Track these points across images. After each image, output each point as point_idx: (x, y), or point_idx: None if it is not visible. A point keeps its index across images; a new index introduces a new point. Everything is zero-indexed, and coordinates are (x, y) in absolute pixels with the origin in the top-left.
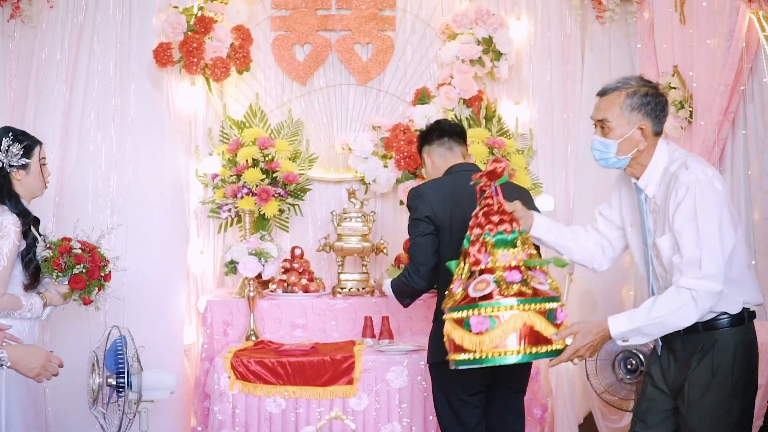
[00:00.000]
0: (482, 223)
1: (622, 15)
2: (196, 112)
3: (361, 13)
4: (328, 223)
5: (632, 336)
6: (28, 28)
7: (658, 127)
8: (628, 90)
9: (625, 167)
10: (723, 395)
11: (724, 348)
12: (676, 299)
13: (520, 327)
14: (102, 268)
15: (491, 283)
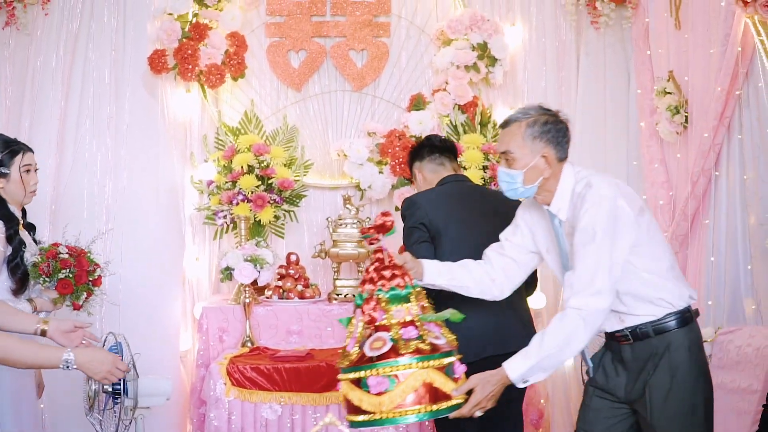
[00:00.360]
0: (374, 278)
1: (617, 20)
2: (191, 119)
3: (355, 19)
4: (324, 230)
5: (531, 375)
6: (23, 35)
7: (561, 154)
8: (528, 120)
9: (534, 195)
10: (686, 396)
11: (679, 349)
12: (565, 326)
13: (419, 385)
14: (90, 272)
15: (388, 341)
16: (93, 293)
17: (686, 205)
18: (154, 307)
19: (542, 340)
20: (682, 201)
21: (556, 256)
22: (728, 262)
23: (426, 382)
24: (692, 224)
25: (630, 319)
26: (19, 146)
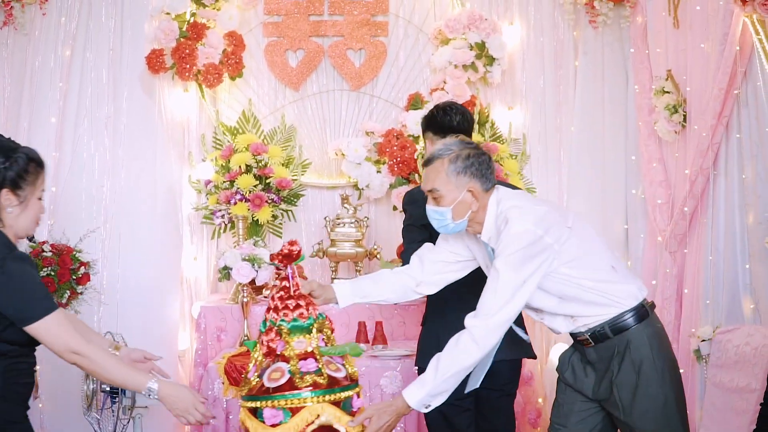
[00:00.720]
0: (278, 307)
1: (615, 19)
2: (189, 119)
3: (353, 18)
4: (322, 229)
5: (431, 400)
6: (21, 35)
7: (486, 185)
8: (450, 156)
9: (465, 229)
10: (654, 390)
11: (639, 345)
12: (456, 347)
13: (313, 419)
14: (74, 271)
15: (286, 373)
16: (78, 292)
17: (685, 204)
18: (152, 307)
19: (437, 365)
20: (680, 200)
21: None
22: (727, 261)
23: (320, 416)
24: (691, 223)
25: (582, 320)
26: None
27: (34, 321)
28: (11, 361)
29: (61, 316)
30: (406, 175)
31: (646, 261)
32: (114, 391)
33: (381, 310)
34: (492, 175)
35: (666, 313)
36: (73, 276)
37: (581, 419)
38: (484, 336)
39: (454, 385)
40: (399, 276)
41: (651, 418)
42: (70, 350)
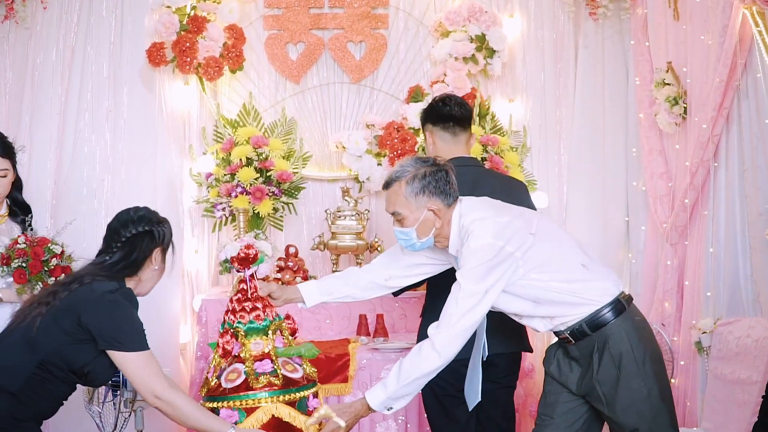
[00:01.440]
0: (235, 309)
1: (615, 11)
2: (190, 112)
3: (353, 11)
4: (323, 222)
5: (393, 402)
6: (23, 29)
7: (448, 201)
8: (406, 177)
9: (433, 245)
10: (637, 383)
11: (618, 340)
12: (419, 354)
13: (268, 419)
14: (45, 262)
15: (242, 374)
16: (49, 283)
17: (685, 196)
18: (153, 300)
19: (399, 370)
20: (681, 192)
21: None
22: (727, 253)
23: (275, 417)
24: (691, 215)
25: (559, 319)
26: None
27: (127, 350)
28: (48, 376)
29: (153, 358)
30: None
31: (647, 253)
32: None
33: (382, 302)
34: (452, 190)
35: (667, 306)
36: (45, 267)
37: (566, 410)
38: (445, 345)
39: (415, 390)
40: (368, 272)
41: (634, 411)
42: (155, 394)
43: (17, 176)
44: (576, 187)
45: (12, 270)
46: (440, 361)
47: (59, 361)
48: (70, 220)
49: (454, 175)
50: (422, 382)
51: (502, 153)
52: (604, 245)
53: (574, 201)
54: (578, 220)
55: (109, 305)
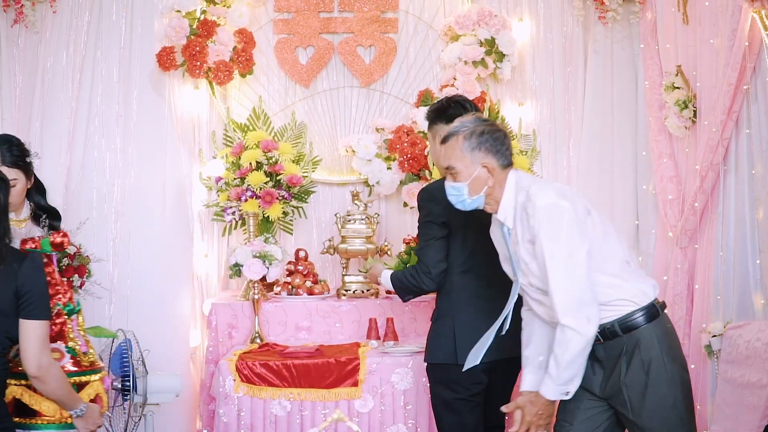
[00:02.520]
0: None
1: (624, 15)
2: (200, 116)
3: (363, 15)
4: (332, 226)
5: (566, 387)
6: (32, 33)
7: (503, 161)
8: (464, 132)
9: (483, 206)
10: (663, 391)
11: (648, 345)
12: (564, 336)
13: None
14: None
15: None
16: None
17: (695, 200)
18: (164, 304)
19: (555, 358)
20: (691, 195)
21: (507, 261)
22: (737, 257)
23: (15, 397)
24: (701, 219)
25: None
26: None
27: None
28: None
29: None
30: (417, 171)
31: (656, 257)
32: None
33: (392, 306)
34: (507, 152)
35: (677, 309)
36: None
37: (587, 417)
38: (573, 320)
39: (578, 369)
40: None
41: (660, 418)
42: (41, 364)
43: (38, 181)
44: (586, 191)
45: None
46: (581, 336)
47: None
48: (84, 220)
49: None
50: (580, 361)
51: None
52: None
53: None
54: None
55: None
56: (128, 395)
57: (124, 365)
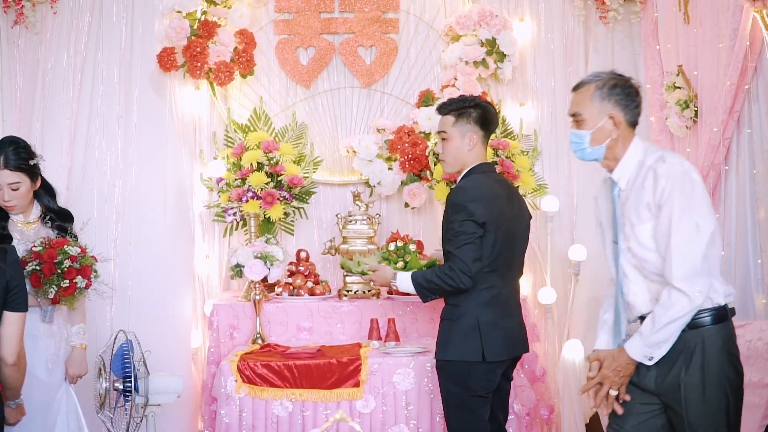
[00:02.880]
0: None
1: (625, 15)
2: (201, 117)
3: (364, 15)
4: (333, 226)
5: (652, 351)
6: (33, 34)
7: (630, 117)
8: (597, 82)
9: (601, 159)
10: (718, 394)
11: (711, 346)
12: (669, 300)
13: None
14: (58, 264)
15: None
16: (62, 286)
17: None
18: (165, 305)
19: (653, 318)
20: None
21: (610, 229)
22: (738, 257)
23: None
24: None
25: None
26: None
27: (25, 310)
28: None
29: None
30: (418, 171)
31: None
32: (127, 389)
33: (393, 307)
34: (637, 110)
35: None
36: (59, 269)
37: (639, 423)
38: (687, 285)
39: (670, 337)
40: None
41: (711, 421)
42: (18, 354)
43: (46, 183)
44: (586, 191)
45: (28, 273)
46: (688, 302)
47: None
48: (85, 221)
49: (641, 100)
50: (675, 327)
51: (512, 157)
52: None
53: (585, 204)
54: (589, 224)
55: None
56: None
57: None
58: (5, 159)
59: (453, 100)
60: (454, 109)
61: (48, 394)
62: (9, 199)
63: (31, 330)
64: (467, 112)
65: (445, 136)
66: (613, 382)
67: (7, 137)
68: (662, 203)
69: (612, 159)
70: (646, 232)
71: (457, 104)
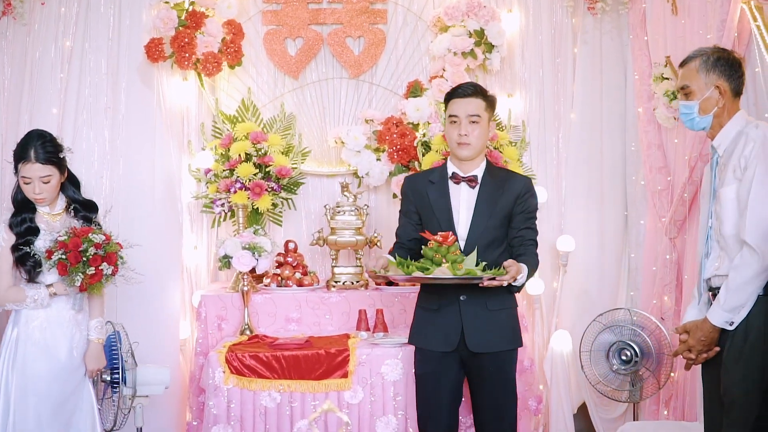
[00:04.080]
0: None
1: (613, 6)
2: (189, 107)
3: (352, 6)
4: (322, 217)
5: (731, 316)
6: (20, 25)
7: (734, 86)
8: (702, 56)
9: (708, 128)
10: (756, 362)
11: (757, 314)
12: (742, 259)
13: None
14: (83, 252)
15: None
16: (88, 273)
17: (684, 191)
18: (153, 296)
19: (727, 282)
20: (680, 186)
21: (707, 198)
22: None
23: None
24: (690, 209)
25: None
26: (21, 155)
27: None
28: None
29: None
30: (406, 162)
31: (646, 247)
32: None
33: (381, 297)
34: (741, 80)
35: (666, 299)
36: (84, 257)
37: None
38: (760, 243)
39: (747, 298)
40: None
41: (744, 388)
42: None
43: (71, 175)
44: (575, 182)
45: (55, 263)
46: (760, 258)
47: None
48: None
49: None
50: (751, 289)
51: (501, 148)
52: (603, 239)
53: (573, 195)
54: (577, 215)
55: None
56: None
57: (113, 357)
58: (35, 153)
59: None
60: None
61: (69, 381)
62: (39, 192)
63: (61, 317)
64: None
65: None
66: (699, 350)
67: (34, 131)
68: (748, 165)
69: (717, 127)
70: (729, 193)
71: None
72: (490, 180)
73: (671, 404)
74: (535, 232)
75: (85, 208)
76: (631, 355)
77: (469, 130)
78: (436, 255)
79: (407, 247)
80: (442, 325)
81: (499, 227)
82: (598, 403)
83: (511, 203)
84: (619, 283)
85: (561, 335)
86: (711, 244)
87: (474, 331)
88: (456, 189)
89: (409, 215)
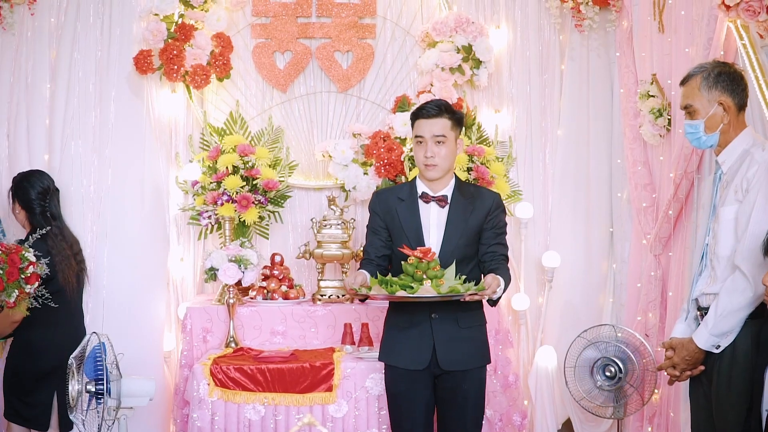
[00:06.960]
0: None
1: (601, 24)
2: (177, 119)
3: (341, 20)
4: (308, 230)
5: (718, 340)
6: (10, 35)
7: (738, 100)
8: (703, 72)
9: (716, 146)
10: (746, 386)
11: (744, 338)
12: (734, 285)
13: None
14: (22, 270)
15: None
16: (26, 291)
17: (669, 208)
18: (138, 308)
19: (717, 306)
20: (665, 203)
21: (708, 211)
22: None
23: None
24: (675, 226)
25: (714, 287)
26: None
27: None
28: None
29: None
30: (393, 176)
31: (631, 264)
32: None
33: (367, 311)
34: (744, 94)
35: (651, 316)
36: (22, 275)
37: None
38: (754, 272)
39: (735, 325)
40: None
41: (735, 414)
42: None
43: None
44: (561, 198)
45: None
46: (751, 287)
47: None
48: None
49: (747, 84)
50: (740, 316)
51: (487, 163)
52: (588, 256)
53: (559, 211)
54: (563, 231)
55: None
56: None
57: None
58: None
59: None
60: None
61: None
62: None
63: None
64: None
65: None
66: (683, 368)
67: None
68: (750, 188)
69: (724, 143)
70: (728, 214)
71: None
72: (461, 198)
73: (655, 421)
74: (505, 247)
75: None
76: (615, 371)
77: (435, 151)
78: (417, 271)
79: (376, 263)
80: (413, 343)
81: (470, 245)
82: (582, 419)
83: (482, 220)
84: (604, 299)
85: (546, 351)
86: (705, 263)
87: (446, 350)
88: (426, 208)
89: (377, 232)
